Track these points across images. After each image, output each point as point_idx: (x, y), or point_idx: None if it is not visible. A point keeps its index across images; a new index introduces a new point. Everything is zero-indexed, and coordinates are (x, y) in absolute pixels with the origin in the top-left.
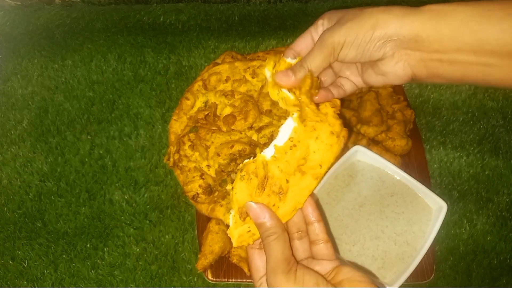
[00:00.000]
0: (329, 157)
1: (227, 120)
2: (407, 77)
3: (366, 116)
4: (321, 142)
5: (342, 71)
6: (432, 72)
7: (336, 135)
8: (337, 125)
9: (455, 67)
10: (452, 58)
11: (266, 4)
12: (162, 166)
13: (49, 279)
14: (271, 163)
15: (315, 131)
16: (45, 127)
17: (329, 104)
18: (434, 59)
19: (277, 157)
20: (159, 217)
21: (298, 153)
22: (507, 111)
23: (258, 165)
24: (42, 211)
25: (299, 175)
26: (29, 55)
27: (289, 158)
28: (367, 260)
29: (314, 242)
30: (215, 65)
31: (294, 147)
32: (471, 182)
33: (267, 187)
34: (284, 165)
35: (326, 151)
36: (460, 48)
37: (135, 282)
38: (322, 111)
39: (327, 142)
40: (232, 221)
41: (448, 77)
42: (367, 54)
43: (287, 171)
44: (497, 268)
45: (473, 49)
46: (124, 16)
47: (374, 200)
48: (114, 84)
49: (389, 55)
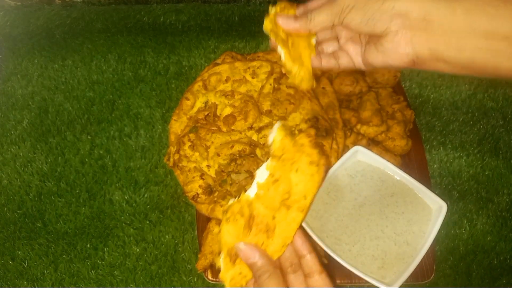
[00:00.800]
0: (312, 187)
1: (227, 120)
2: (408, 57)
3: (366, 116)
4: (302, 174)
5: (346, 45)
6: (435, 55)
7: (315, 164)
8: (314, 154)
9: (462, 52)
10: (461, 41)
11: (266, 5)
12: (162, 166)
13: (49, 279)
14: (255, 201)
15: (294, 163)
16: (45, 127)
17: (304, 134)
18: (441, 41)
19: (261, 194)
20: (159, 217)
21: (281, 187)
22: (507, 111)
23: (243, 204)
24: (42, 211)
25: (284, 210)
26: (29, 55)
27: (273, 194)
28: (367, 260)
29: (309, 275)
30: (215, 65)
31: (276, 182)
32: (471, 182)
33: (254, 226)
34: (268, 202)
35: (308, 181)
36: (471, 31)
37: (135, 282)
38: (298, 142)
39: (308, 173)
40: (223, 264)
41: (454, 63)
42: (371, 23)
43: (272, 207)
44: (497, 268)
45: (485, 34)
46: (124, 16)
47: (374, 200)
48: (114, 84)
49: (392, 31)
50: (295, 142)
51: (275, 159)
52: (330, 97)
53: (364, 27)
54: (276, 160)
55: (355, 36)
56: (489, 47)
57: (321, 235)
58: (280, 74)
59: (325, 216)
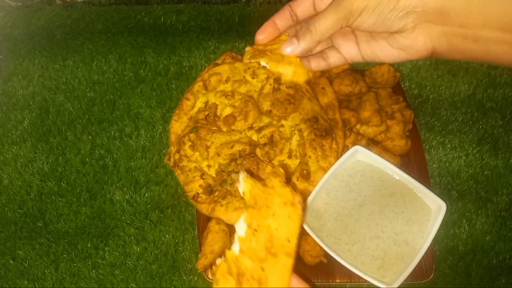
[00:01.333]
0: (293, 228)
1: (227, 120)
2: (427, 51)
3: (365, 116)
4: (279, 217)
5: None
6: (453, 48)
7: (290, 204)
8: (287, 193)
9: (479, 43)
10: (478, 33)
11: (266, 5)
12: (163, 166)
13: (50, 278)
14: (240, 257)
15: (268, 208)
16: (46, 127)
17: (272, 175)
18: (458, 33)
19: (244, 248)
20: (160, 217)
21: (262, 237)
22: (506, 111)
23: (229, 263)
24: (43, 211)
25: (271, 258)
26: (30, 56)
27: (256, 245)
28: (367, 259)
29: None
30: (215, 65)
31: (256, 233)
32: (470, 182)
33: (244, 282)
34: (253, 254)
35: (287, 224)
36: (487, 23)
37: (136, 281)
38: (268, 185)
39: (285, 215)
40: None
41: (469, 54)
42: (387, 23)
43: (258, 259)
44: (496, 267)
45: (501, 26)
46: (124, 17)
47: (373, 200)
48: (114, 84)
49: (409, 27)
50: (265, 186)
51: (249, 209)
52: (329, 97)
53: (378, 28)
54: (251, 210)
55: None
56: (504, 39)
57: (321, 234)
58: (280, 74)
59: (325, 216)
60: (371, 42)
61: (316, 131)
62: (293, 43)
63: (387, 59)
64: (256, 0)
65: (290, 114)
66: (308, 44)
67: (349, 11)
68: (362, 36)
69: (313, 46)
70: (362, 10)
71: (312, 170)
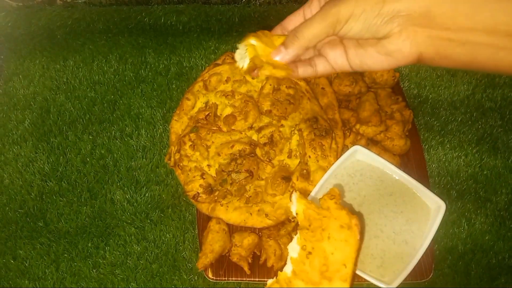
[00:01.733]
0: (350, 252)
1: (228, 120)
2: (414, 56)
3: (365, 116)
4: (335, 241)
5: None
6: (440, 53)
7: (346, 227)
8: (343, 216)
9: (465, 48)
10: (464, 37)
11: (266, 6)
12: (163, 165)
13: (51, 278)
14: (293, 279)
15: (324, 231)
16: (47, 127)
17: (327, 196)
18: (444, 37)
19: (297, 270)
20: (160, 216)
21: (316, 260)
22: (505, 111)
23: (282, 284)
24: (43, 210)
25: (326, 282)
26: (30, 56)
27: (309, 268)
28: (366, 259)
29: None
30: (215, 65)
31: (310, 255)
32: (470, 181)
33: None
34: (307, 277)
35: (343, 248)
36: (474, 27)
37: (136, 281)
38: (323, 206)
39: (341, 238)
40: None
41: (456, 59)
42: (373, 29)
43: (312, 282)
44: (496, 267)
45: (487, 29)
46: (125, 17)
47: (373, 200)
48: (115, 84)
49: (395, 32)
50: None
51: (303, 230)
52: (329, 97)
53: (365, 34)
54: (305, 232)
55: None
56: (490, 43)
57: None
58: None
59: None
60: (359, 50)
61: (316, 131)
62: (280, 51)
63: (375, 66)
64: (256, 1)
65: (290, 114)
66: (295, 50)
67: (336, 18)
68: (350, 45)
69: (300, 52)
70: (349, 17)
71: (312, 169)
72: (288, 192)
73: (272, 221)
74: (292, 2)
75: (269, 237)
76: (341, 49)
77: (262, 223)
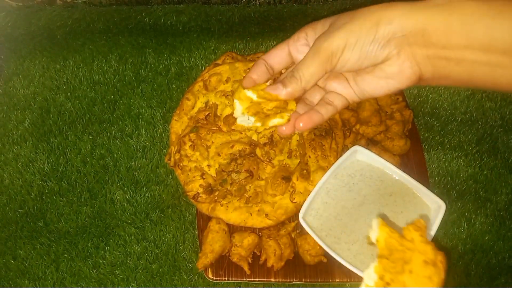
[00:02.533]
0: None
1: (228, 120)
2: (415, 76)
3: (365, 116)
4: (417, 276)
5: (329, 84)
6: (438, 72)
7: (431, 263)
8: (429, 251)
9: (462, 66)
10: (460, 56)
11: (266, 6)
12: (163, 165)
13: (51, 278)
14: None
15: (406, 264)
16: (47, 127)
17: (412, 227)
18: (441, 56)
19: None
20: (160, 217)
21: None
22: (505, 111)
23: None
24: (43, 210)
25: None
26: (30, 56)
27: None
28: (366, 259)
29: None
30: (215, 66)
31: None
32: (470, 181)
33: None
34: None
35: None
36: (469, 45)
37: (136, 281)
38: (407, 237)
39: (424, 275)
40: None
41: (454, 77)
42: (371, 56)
43: None
44: (496, 267)
45: (483, 47)
46: (125, 17)
47: (373, 200)
48: (115, 84)
49: (394, 54)
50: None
51: (383, 259)
52: None
53: (363, 63)
54: (385, 261)
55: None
56: (487, 61)
57: (321, 234)
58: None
59: (325, 215)
60: (357, 79)
61: (315, 131)
62: (278, 87)
63: (377, 92)
64: (256, 1)
65: None
66: (293, 90)
67: (330, 52)
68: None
69: (298, 94)
70: (343, 48)
71: (312, 169)
72: (288, 192)
73: (272, 221)
74: (292, 2)
75: (269, 237)
76: (344, 80)
77: (262, 223)
